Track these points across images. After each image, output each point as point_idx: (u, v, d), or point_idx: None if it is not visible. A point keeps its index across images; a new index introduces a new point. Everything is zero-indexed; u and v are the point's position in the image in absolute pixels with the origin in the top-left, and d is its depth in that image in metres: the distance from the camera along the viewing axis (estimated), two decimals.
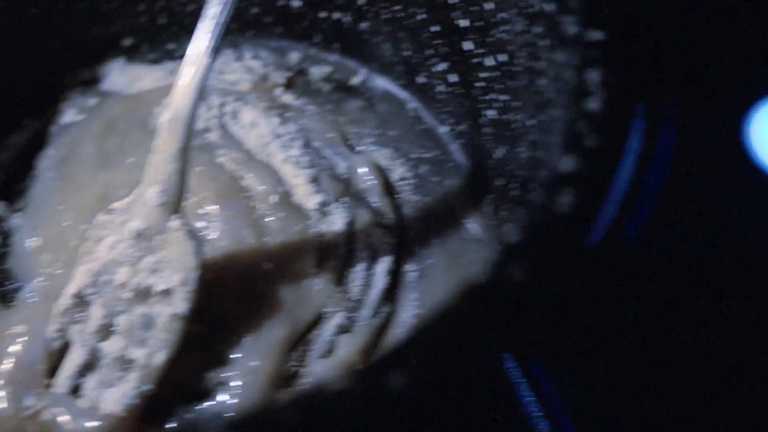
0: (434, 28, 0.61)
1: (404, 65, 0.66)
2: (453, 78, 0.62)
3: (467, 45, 0.58)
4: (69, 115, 0.67)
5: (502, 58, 0.55)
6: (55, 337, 0.53)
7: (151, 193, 0.52)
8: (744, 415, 0.51)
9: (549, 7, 0.47)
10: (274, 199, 0.60)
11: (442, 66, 0.63)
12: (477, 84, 0.59)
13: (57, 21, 0.67)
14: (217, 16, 0.52)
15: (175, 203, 0.52)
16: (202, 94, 0.52)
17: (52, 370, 0.53)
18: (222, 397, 0.53)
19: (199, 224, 0.57)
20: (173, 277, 0.52)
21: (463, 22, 0.58)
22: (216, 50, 0.52)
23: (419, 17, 0.62)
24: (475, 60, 0.58)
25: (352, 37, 0.68)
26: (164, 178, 0.52)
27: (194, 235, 0.53)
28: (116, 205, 0.54)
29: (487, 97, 0.58)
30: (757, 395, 0.52)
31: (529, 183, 0.52)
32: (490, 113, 0.58)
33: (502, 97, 0.56)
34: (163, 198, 0.52)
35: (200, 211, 0.58)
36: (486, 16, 0.55)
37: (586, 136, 0.38)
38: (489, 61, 0.57)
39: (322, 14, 0.68)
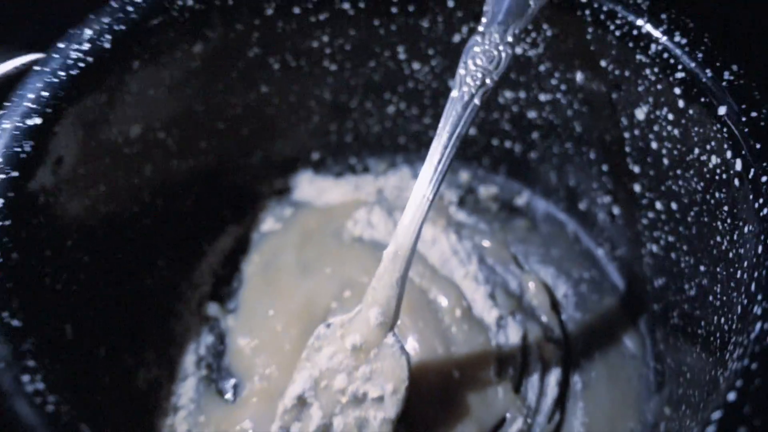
0: (604, 167, 0.69)
1: (567, 192, 0.74)
2: (616, 210, 0.70)
3: (636, 187, 0.66)
4: (268, 223, 0.76)
5: (674, 206, 0.62)
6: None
7: (372, 313, 0.60)
8: None
9: (734, 182, 0.54)
10: (458, 312, 0.69)
11: (606, 199, 0.71)
12: (643, 220, 0.66)
13: (260, 136, 0.76)
14: (438, 164, 0.60)
15: (391, 323, 0.61)
16: (420, 231, 0.60)
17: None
18: None
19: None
20: (386, 386, 0.60)
21: (636, 168, 0.65)
22: (435, 195, 0.60)
23: (590, 156, 0.70)
24: (643, 201, 0.66)
25: (520, 163, 0.76)
26: (383, 301, 0.60)
27: (405, 351, 0.61)
28: (336, 321, 0.62)
29: (653, 234, 0.65)
30: None
31: (699, 321, 0.59)
32: (654, 248, 0.66)
33: (670, 238, 0.63)
34: (381, 318, 0.60)
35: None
36: (660, 168, 0.62)
37: None
38: (658, 205, 0.64)
39: (495, 142, 0.76)
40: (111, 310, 0.66)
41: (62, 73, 0.58)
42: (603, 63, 0.63)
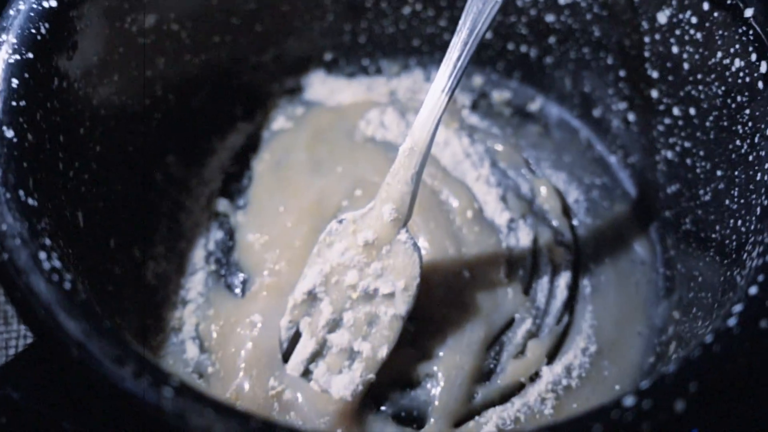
0: (621, 73, 0.68)
1: (581, 98, 0.74)
2: (632, 117, 0.69)
3: (654, 93, 0.66)
4: (279, 121, 0.75)
5: (692, 111, 0.62)
6: (289, 327, 0.61)
7: (386, 209, 0.60)
8: None
9: (758, 85, 0.53)
10: (469, 214, 0.68)
11: (621, 105, 0.70)
12: (659, 127, 0.66)
13: (274, 34, 0.75)
14: (458, 61, 0.59)
15: (404, 219, 0.61)
16: (437, 128, 0.60)
17: (286, 357, 0.61)
18: (430, 387, 0.61)
19: None
20: (397, 282, 0.60)
21: (654, 74, 0.65)
22: (453, 91, 0.60)
23: (608, 61, 0.69)
24: (660, 107, 0.65)
25: (534, 68, 0.75)
26: (398, 197, 0.60)
27: (417, 247, 0.61)
28: (348, 216, 0.62)
29: (669, 141, 0.65)
30: None
31: (714, 225, 0.59)
32: (668, 154, 0.66)
33: (686, 144, 0.63)
34: (395, 214, 0.60)
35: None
36: (680, 73, 0.62)
37: None
38: (676, 111, 0.64)
39: (510, 46, 0.75)
40: (121, 202, 0.66)
41: None
42: None
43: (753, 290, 0.43)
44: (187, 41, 0.69)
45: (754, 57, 0.54)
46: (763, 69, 0.53)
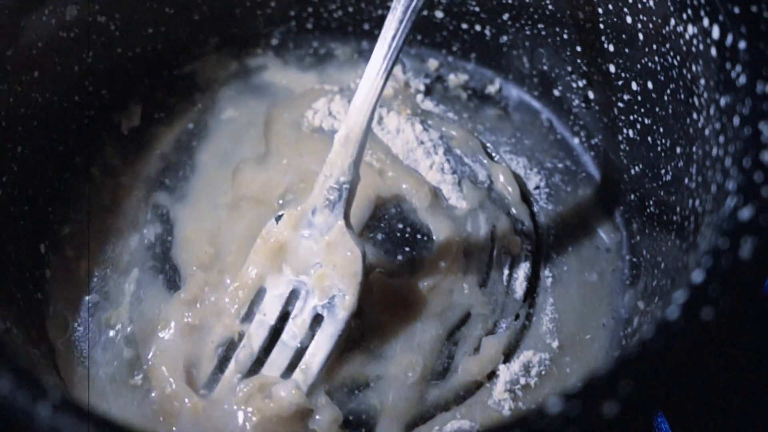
0: (578, 48, 0.64)
1: (540, 77, 0.70)
2: (592, 95, 0.65)
3: (611, 68, 0.61)
4: (227, 111, 0.71)
5: (650, 85, 0.58)
6: (233, 326, 0.58)
7: (320, 202, 0.56)
8: None
9: (711, 52, 0.49)
10: (422, 203, 0.64)
11: (580, 82, 0.66)
12: (619, 104, 0.62)
13: (213, 23, 0.72)
14: (392, 41, 0.55)
15: (342, 212, 0.57)
16: (373, 113, 0.56)
17: (227, 359, 0.58)
18: (380, 389, 0.58)
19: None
20: (342, 280, 0.56)
21: (611, 47, 0.61)
22: (389, 73, 0.56)
23: (564, 36, 0.65)
24: (619, 82, 0.61)
25: (491, 48, 0.71)
26: (336, 188, 0.56)
27: (360, 242, 0.57)
28: (286, 213, 0.58)
29: (630, 118, 0.61)
30: None
31: (675, 206, 0.55)
32: (630, 132, 0.62)
33: (647, 120, 0.59)
34: (333, 207, 0.56)
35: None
36: (636, 44, 0.58)
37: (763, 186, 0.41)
38: (634, 86, 0.60)
39: (464, 25, 0.71)
40: (50, 202, 0.63)
41: None
42: None
43: (698, 276, 0.39)
44: (116, 34, 0.66)
45: (706, 22, 0.50)
46: (715, 34, 0.49)
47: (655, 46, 0.56)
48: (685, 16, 0.52)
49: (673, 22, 0.53)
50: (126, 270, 0.63)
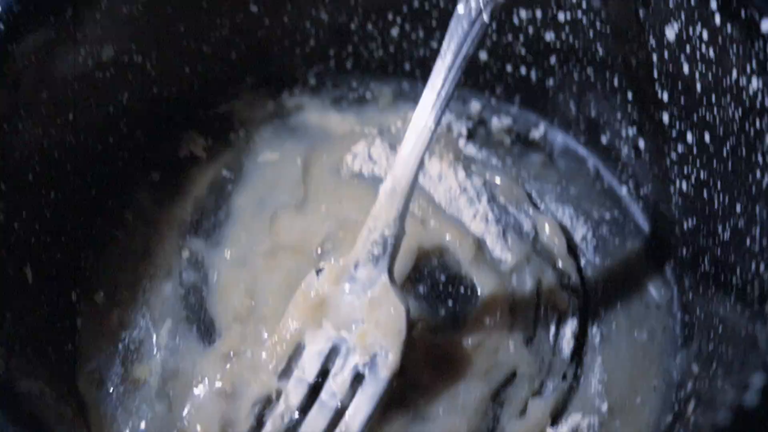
0: (629, 95, 0.62)
1: (587, 123, 0.67)
2: (642, 144, 0.63)
3: (665, 117, 0.59)
4: (264, 154, 0.69)
5: (707, 138, 0.55)
6: (270, 383, 0.56)
7: (363, 256, 0.54)
8: None
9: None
10: (465, 255, 0.62)
11: (630, 131, 0.63)
12: (672, 155, 0.59)
13: (250, 61, 0.70)
14: (441, 89, 0.53)
15: (387, 267, 0.55)
16: (420, 165, 0.54)
17: (263, 417, 0.56)
18: None
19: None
20: (385, 338, 0.54)
21: (665, 96, 0.58)
22: (437, 123, 0.54)
23: (614, 82, 0.62)
24: (673, 133, 0.59)
25: (536, 91, 0.69)
26: (380, 242, 0.54)
27: (404, 299, 0.55)
28: (326, 267, 0.56)
29: (684, 170, 0.59)
30: None
31: (734, 267, 0.53)
32: (683, 185, 0.59)
33: (702, 174, 0.57)
34: (377, 261, 0.54)
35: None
36: (693, 95, 0.55)
37: None
38: (689, 137, 0.57)
39: (509, 68, 0.68)
40: (82, 249, 0.62)
41: None
42: None
43: None
44: (152, 73, 0.64)
45: None
46: None
47: (714, 98, 0.54)
48: (749, 68, 0.49)
49: (735, 73, 0.51)
50: (159, 319, 0.60)
